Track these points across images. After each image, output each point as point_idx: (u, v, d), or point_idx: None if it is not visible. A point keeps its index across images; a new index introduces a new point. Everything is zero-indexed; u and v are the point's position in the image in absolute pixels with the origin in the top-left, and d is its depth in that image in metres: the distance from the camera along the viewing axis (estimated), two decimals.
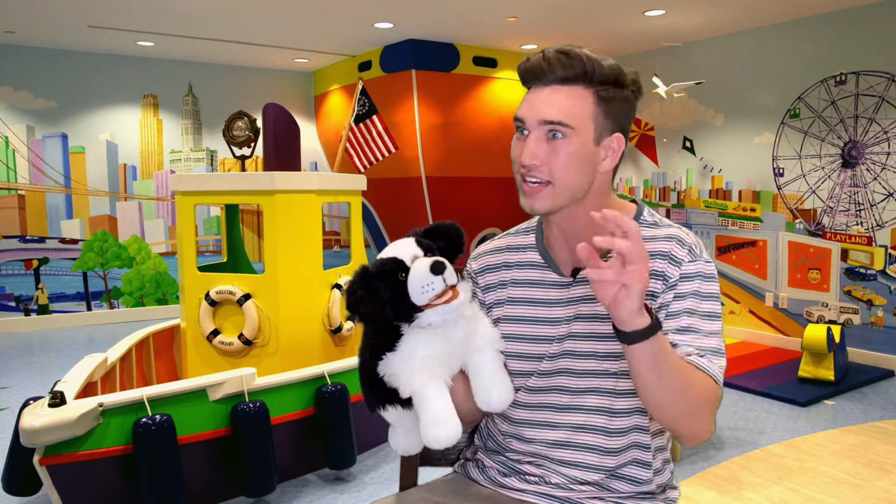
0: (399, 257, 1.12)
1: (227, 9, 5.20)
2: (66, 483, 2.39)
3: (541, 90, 1.14)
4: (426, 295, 1.09)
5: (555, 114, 1.11)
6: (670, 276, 1.15)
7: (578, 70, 1.11)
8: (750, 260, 5.89)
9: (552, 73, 1.12)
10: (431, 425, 1.09)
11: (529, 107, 1.14)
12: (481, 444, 1.37)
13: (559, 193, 1.14)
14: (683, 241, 1.18)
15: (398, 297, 1.10)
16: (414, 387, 1.11)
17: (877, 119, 5.01)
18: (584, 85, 1.12)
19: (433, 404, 1.09)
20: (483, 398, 1.16)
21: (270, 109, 3.77)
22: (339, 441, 2.96)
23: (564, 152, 1.12)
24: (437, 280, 1.08)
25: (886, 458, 3.35)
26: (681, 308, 1.14)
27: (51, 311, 6.66)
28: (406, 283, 1.10)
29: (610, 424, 1.19)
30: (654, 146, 6.61)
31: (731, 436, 3.66)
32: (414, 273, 1.10)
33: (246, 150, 4.08)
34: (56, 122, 6.64)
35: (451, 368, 1.16)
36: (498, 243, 1.35)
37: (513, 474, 1.27)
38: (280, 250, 3.44)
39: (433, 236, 1.19)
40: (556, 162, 1.12)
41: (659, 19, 5.48)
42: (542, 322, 1.23)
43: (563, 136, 1.12)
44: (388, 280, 1.11)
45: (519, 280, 1.28)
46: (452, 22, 5.65)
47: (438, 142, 6.57)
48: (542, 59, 1.13)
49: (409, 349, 1.12)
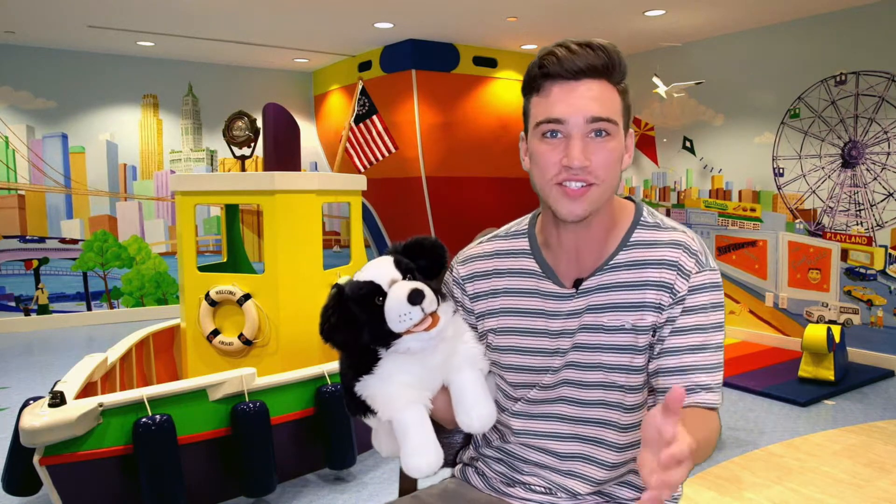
0: (376, 281, 1.07)
1: (227, 9, 5.20)
2: (66, 483, 2.39)
3: (573, 86, 1.05)
4: (403, 324, 1.05)
5: (602, 110, 1.05)
6: (678, 290, 1.11)
7: (606, 62, 1.06)
8: (750, 260, 5.89)
9: (585, 64, 1.04)
10: (410, 454, 1.06)
11: (568, 104, 1.05)
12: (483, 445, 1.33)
13: (602, 194, 1.08)
14: (691, 250, 1.13)
15: (375, 322, 1.06)
16: (392, 414, 1.08)
17: (877, 119, 5.01)
18: (610, 80, 1.07)
19: (412, 433, 1.07)
20: (464, 420, 1.13)
21: (270, 109, 3.77)
22: (339, 441, 2.96)
23: (609, 149, 1.06)
24: (416, 310, 1.04)
25: (886, 458, 3.35)
26: (691, 324, 1.11)
27: (51, 311, 6.66)
28: (383, 308, 1.05)
29: (619, 439, 1.17)
30: (654, 146, 6.61)
31: (731, 436, 3.66)
32: (391, 301, 1.05)
33: (246, 150, 4.08)
34: (56, 122, 6.64)
35: (430, 390, 1.13)
36: (487, 247, 1.28)
37: (517, 484, 1.24)
38: (280, 250, 3.44)
39: (413, 253, 1.14)
40: (601, 160, 1.06)
41: (659, 19, 5.48)
42: (543, 334, 1.18)
43: (607, 132, 1.06)
44: (364, 305, 1.06)
45: (513, 289, 1.22)
46: (452, 22, 5.64)
47: (438, 142, 6.57)
48: (570, 52, 1.05)
49: (386, 373, 1.09)
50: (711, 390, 1.10)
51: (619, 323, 1.13)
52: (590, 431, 1.18)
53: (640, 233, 1.16)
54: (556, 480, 1.21)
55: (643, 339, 1.12)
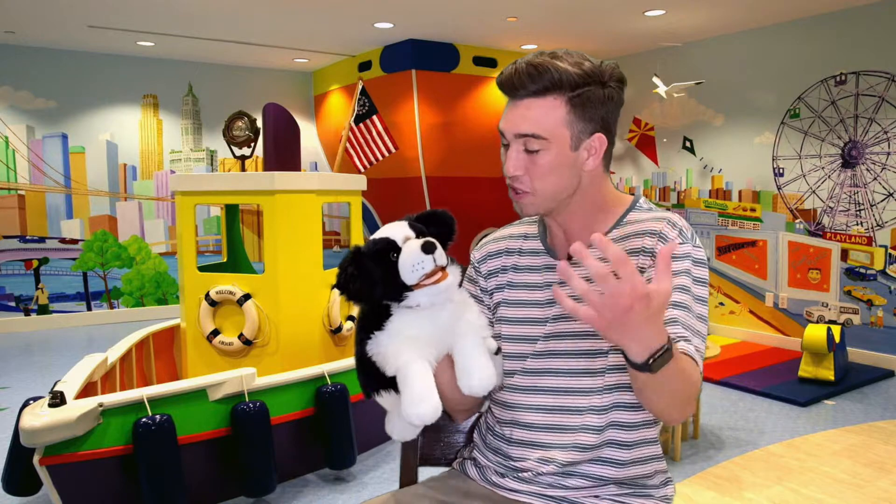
0: (391, 238, 1.15)
1: (227, 9, 5.20)
2: (66, 483, 2.39)
3: (517, 103, 1.18)
4: (416, 274, 1.12)
5: (527, 127, 1.16)
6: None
7: (548, 82, 1.14)
8: (750, 260, 5.89)
9: (523, 87, 1.16)
10: (411, 403, 1.10)
11: (506, 120, 1.19)
12: (480, 440, 1.38)
13: (541, 200, 1.20)
14: (675, 223, 1.20)
15: (389, 276, 1.13)
16: (398, 364, 1.13)
17: (877, 119, 5.01)
18: (556, 94, 1.15)
19: (415, 382, 1.11)
20: (465, 382, 1.17)
21: (270, 109, 3.77)
22: (339, 441, 2.96)
23: (541, 163, 1.17)
24: (428, 259, 1.12)
25: (886, 458, 3.35)
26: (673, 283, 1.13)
27: (51, 311, 6.66)
28: (397, 264, 1.13)
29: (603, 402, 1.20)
30: (654, 146, 6.61)
31: (731, 436, 3.66)
32: (405, 252, 1.13)
33: (246, 150, 4.08)
34: (56, 122, 6.64)
35: (437, 350, 1.18)
36: (502, 232, 1.40)
37: (509, 473, 1.28)
38: (280, 250, 3.44)
39: (426, 223, 1.22)
40: (534, 172, 1.18)
41: (659, 19, 5.48)
42: (536, 305, 1.27)
43: (538, 147, 1.16)
44: (379, 259, 1.14)
45: (520, 266, 1.32)
46: (452, 22, 5.64)
47: (438, 142, 6.57)
48: (513, 73, 1.16)
49: (396, 328, 1.16)
50: (690, 343, 1.11)
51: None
52: (574, 401, 1.22)
53: (633, 214, 1.25)
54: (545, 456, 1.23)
55: None
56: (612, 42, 6.27)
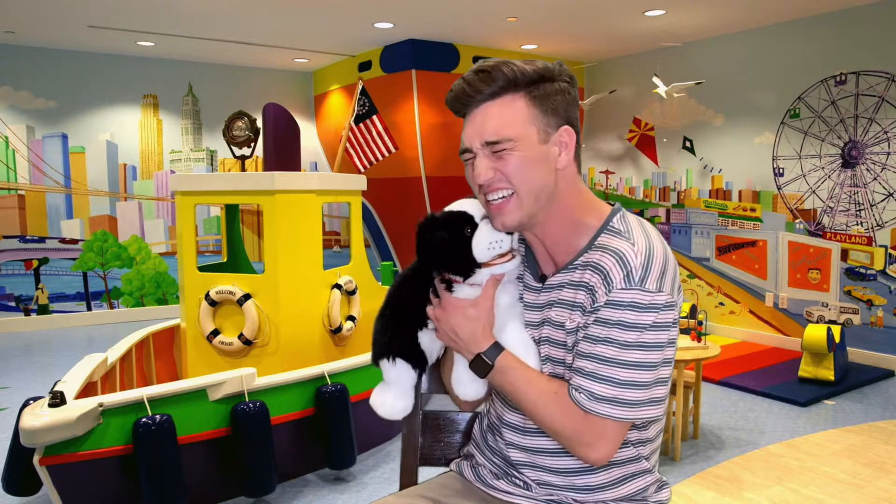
0: (469, 213, 1.15)
1: (227, 9, 5.20)
2: (66, 483, 2.39)
3: (474, 114, 1.15)
4: (491, 252, 1.13)
5: (491, 132, 1.12)
6: (598, 298, 1.10)
7: (502, 81, 1.12)
8: (750, 260, 5.89)
9: (478, 92, 1.13)
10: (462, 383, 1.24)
11: (467, 134, 1.15)
12: (480, 440, 1.37)
13: (524, 201, 1.13)
14: (626, 262, 1.09)
15: (461, 250, 1.13)
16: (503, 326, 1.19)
17: (877, 119, 5.01)
18: (513, 92, 1.13)
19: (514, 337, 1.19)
20: None
21: (270, 109, 3.77)
22: (339, 441, 2.96)
23: (513, 160, 1.12)
24: (507, 239, 1.14)
25: (886, 458, 3.35)
26: (600, 335, 1.09)
27: (51, 311, 6.66)
28: (471, 239, 1.13)
29: None
30: (654, 146, 6.61)
31: (731, 436, 3.66)
32: (484, 229, 1.13)
33: (246, 150, 4.08)
34: (56, 122, 6.64)
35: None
36: None
37: (504, 476, 1.28)
38: (280, 250, 3.44)
39: None
40: (509, 170, 1.12)
41: (659, 19, 5.48)
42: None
43: (507, 149, 1.12)
44: (454, 231, 1.14)
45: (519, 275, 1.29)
46: (452, 22, 5.64)
47: (438, 142, 6.57)
48: (464, 84, 1.14)
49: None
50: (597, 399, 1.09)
51: (563, 319, 1.17)
52: None
53: (603, 238, 1.16)
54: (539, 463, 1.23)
55: (571, 339, 1.15)
56: (612, 42, 6.27)
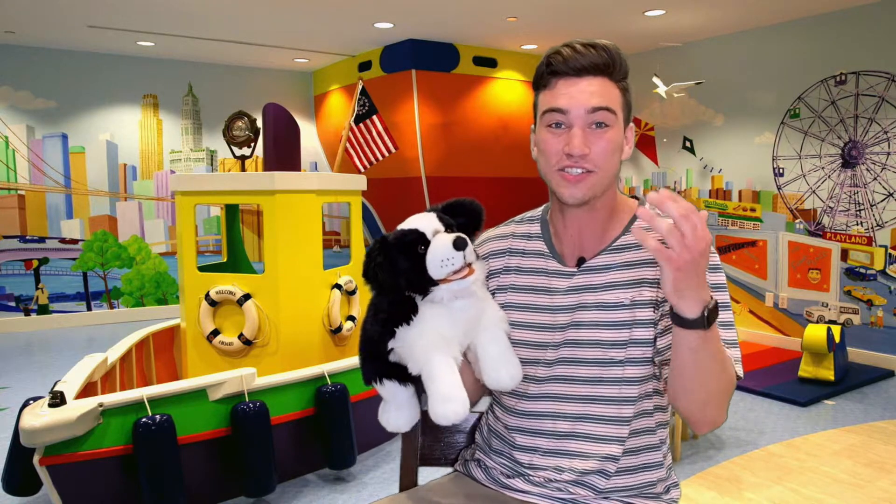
0: (420, 230, 1.13)
1: (227, 9, 5.20)
2: (66, 483, 2.39)
3: (575, 81, 1.14)
4: (445, 269, 1.10)
5: (602, 101, 1.14)
6: None
7: (608, 60, 1.14)
8: (750, 260, 5.89)
9: (588, 62, 1.14)
10: (441, 401, 1.08)
11: (571, 96, 1.14)
12: (483, 443, 1.36)
13: (600, 181, 1.16)
14: None
15: (415, 269, 1.11)
16: (426, 363, 1.11)
17: (877, 119, 5.01)
18: (608, 77, 1.16)
19: (444, 380, 1.09)
20: (493, 377, 1.16)
21: (270, 109, 3.77)
22: (339, 441, 2.96)
23: (607, 139, 1.14)
24: (458, 256, 1.10)
25: (886, 458, 3.35)
26: None
27: (51, 311, 6.66)
28: (425, 256, 1.11)
29: (620, 413, 1.19)
30: (654, 146, 6.61)
31: (731, 436, 3.66)
32: (435, 246, 1.11)
33: (246, 150, 4.08)
34: (56, 122, 6.64)
35: (461, 346, 1.16)
36: (503, 230, 1.37)
37: (517, 476, 1.26)
38: (280, 250, 3.44)
39: (453, 212, 1.20)
40: (599, 149, 1.14)
41: (659, 19, 5.48)
42: (545, 310, 1.24)
43: (606, 124, 1.14)
44: (407, 251, 1.12)
45: (522, 267, 1.29)
46: (452, 22, 5.64)
47: (438, 142, 6.57)
48: (574, 51, 1.15)
49: (423, 324, 1.13)
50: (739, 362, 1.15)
51: (618, 300, 1.18)
52: (588, 409, 1.20)
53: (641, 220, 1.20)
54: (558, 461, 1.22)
55: (643, 313, 1.17)
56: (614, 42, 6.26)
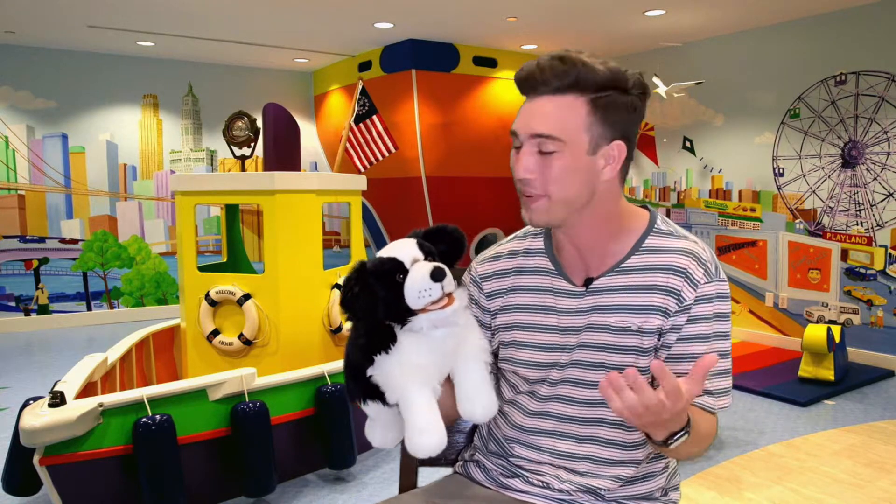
0: (399, 258, 1.10)
1: (227, 9, 5.20)
2: (66, 483, 2.39)
3: (534, 101, 1.12)
4: (422, 300, 1.08)
5: (543, 127, 1.09)
6: (685, 298, 1.15)
7: (571, 78, 1.08)
8: (750, 260, 5.89)
9: (545, 82, 1.09)
10: (417, 433, 1.07)
11: (521, 119, 1.13)
12: (481, 445, 1.36)
13: (555, 207, 1.12)
14: (700, 259, 1.16)
15: (393, 298, 1.09)
16: (403, 393, 1.10)
17: (877, 119, 5.01)
18: (577, 94, 1.08)
19: (420, 413, 1.08)
20: (467, 408, 1.15)
21: (270, 109, 3.77)
22: (339, 441, 2.96)
23: (556, 166, 1.10)
24: (436, 287, 1.07)
25: (886, 458, 3.35)
26: (695, 333, 1.15)
27: (51, 311, 6.66)
28: (403, 286, 1.08)
29: (623, 438, 1.19)
30: (654, 146, 6.60)
31: (731, 436, 3.66)
32: (413, 277, 1.08)
33: (246, 150, 4.08)
34: (56, 122, 6.64)
35: (440, 375, 1.14)
36: (505, 247, 1.32)
37: (516, 476, 1.26)
38: (280, 250, 3.44)
39: (434, 239, 1.17)
40: (549, 176, 1.10)
41: (659, 19, 5.48)
42: (553, 331, 1.21)
43: (553, 149, 1.09)
44: (385, 280, 1.09)
45: (528, 286, 1.25)
46: (452, 22, 5.64)
47: (438, 142, 6.57)
48: (535, 68, 1.10)
49: (401, 354, 1.11)
50: (711, 394, 1.16)
51: (626, 324, 1.16)
52: (589, 431, 1.20)
53: (652, 239, 1.19)
54: (555, 476, 1.22)
55: (648, 342, 1.15)
56: (612, 42, 6.27)
